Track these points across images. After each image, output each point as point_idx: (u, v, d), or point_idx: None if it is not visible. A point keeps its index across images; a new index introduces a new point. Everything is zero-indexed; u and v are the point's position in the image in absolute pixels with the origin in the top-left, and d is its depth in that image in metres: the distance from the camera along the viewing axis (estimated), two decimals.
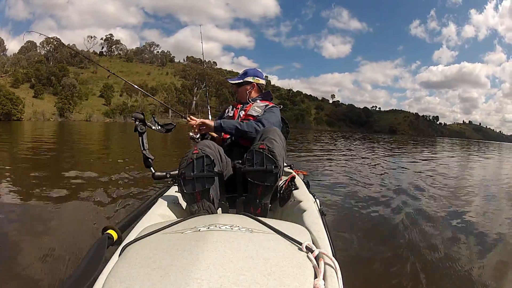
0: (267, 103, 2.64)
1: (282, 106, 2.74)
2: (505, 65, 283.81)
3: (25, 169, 6.75)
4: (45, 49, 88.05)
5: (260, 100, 2.70)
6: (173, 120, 2.44)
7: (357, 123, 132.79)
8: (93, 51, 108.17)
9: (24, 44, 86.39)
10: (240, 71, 3.14)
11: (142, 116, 2.22)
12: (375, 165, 11.07)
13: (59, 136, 19.73)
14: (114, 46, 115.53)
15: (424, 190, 6.67)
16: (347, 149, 18.46)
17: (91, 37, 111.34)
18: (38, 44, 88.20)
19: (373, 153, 16.65)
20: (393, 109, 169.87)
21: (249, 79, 2.71)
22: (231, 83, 2.79)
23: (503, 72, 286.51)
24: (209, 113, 3.41)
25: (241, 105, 2.70)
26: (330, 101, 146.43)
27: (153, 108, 76.50)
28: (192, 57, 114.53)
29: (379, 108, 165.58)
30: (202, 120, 2.39)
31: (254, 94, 2.73)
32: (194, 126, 2.41)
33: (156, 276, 0.80)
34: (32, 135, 18.39)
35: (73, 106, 66.50)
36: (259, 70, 2.82)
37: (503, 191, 7.56)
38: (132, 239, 1.11)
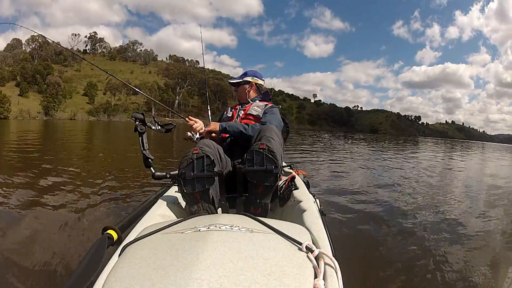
0: (266, 103, 2.65)
1: (280, 106, 2.77)
2: (489, 66, 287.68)
3: (18, 169, 6.56)
4: (30, 46, 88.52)
5: (259, 100, 2.72)
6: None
7: (338, 123, 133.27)
8: (77, 49, 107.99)
9: (10, 42, 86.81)
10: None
11: (142, 116, 2.21)
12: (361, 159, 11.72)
13: (50, 135, 19.68)
14: (97, 44, 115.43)
15: (419, 186, 6.87)
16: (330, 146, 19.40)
17: (75, 35, 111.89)
18: (23, 42, 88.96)
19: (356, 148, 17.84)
20: (375, 109, 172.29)
21: (248, 79, 2.73)
22: (231, 83, 2.82)
23: (487, 73, 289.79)
24: (209, 114, 3.39)
25: (240, 106, 2.70)
26: (312, 101, 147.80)
27: (136, 107, 77.51)
28: (175, 55, 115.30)
29: (361, 107, 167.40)
30: (208, 128, 2.38)
31: (253, 94, 2.74)
32: (198, 130, 2.43)
33: (156, 276, 0.80)
34: (24, 134, 18.14)
35: (57, 104, 66.56)
36: (258, 72, 2.83)
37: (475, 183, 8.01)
38: (132, 239, 1.12)
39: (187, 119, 2.48)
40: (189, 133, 2.44)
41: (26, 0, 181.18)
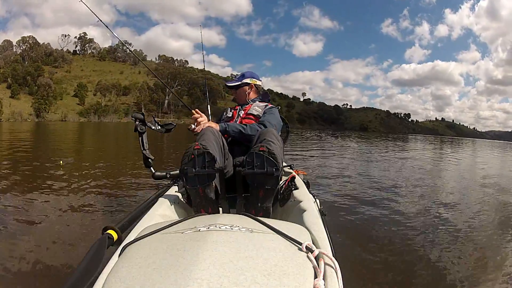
0: (266, 104, 2.66)
1: (280, 107, 2.78)
2: (479, 63, 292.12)
3: (14, 169, 6.69)
4: (21, 48, 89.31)
5: (259, 101, 2.73)
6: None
7: (328, 121, 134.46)
8: (67, 49, 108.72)
9: (1, 43, 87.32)
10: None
11: (142, 116, 2.22)
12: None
13: (44, 137, 19.67)
14: (87, 45, 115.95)
15: (416, 183, 6.86)
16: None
17: (65, 36, 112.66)
18: (14, 43, 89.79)
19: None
20: (364, 107, 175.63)
21: (247, 80, 2.72)
22: (229, 85, 2.78)
23: (477, 70, 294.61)
24: (209, 114, 3.33)
25: (239, 106, 2.70)
26: (301, 99, 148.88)
27: (126, 107, 78.50)
28: (164, 55, 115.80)
29: (350, 106, 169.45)
30: (208, 124, 2.31)
31: (252, 95, 2.74)
32: (199, 121, 2.38)
33: (156, 276, 0.80)
34: (19, 136, 18.16)
35: (48, 106, 66.92)
36: (255, 72, 2.82)
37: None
38: (132, 239, 1.11)
39: (193, 111, 2.47)
40: (193, 125, 2.42)
41: (17, 0, 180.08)
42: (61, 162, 6.91)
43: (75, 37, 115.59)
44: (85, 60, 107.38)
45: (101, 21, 3.11)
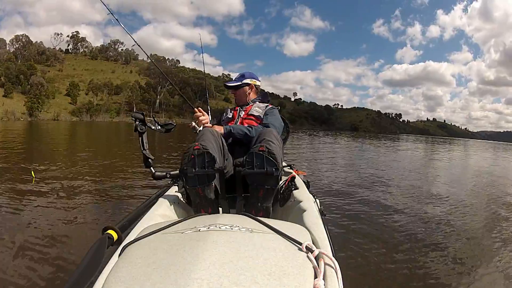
0: (267, 104, 2.67)
1: (279, 107, 2.78)
2: (471, 64, 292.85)
3: (8, 170, 6.64)
4: (14, 46, 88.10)
5: (258, 101, 2.74)
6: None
7: (318, 121, 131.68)
8: (59, 48, 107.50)
9: None
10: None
11: (142, 116, 2.22)
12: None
13: (40, 137, 19.48)
14: (79, 44, 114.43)
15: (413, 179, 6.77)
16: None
17: (58, 34, 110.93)
18: (7, 42, 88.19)
19: None
20: (355, 107, 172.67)
21: (247, 81, 2.72)
22: (229, 85, 2.77)
23: (469, 71, 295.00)
24: (209, 114, 3.19)
25: (239, 107, 2.70)
26: (292, 99, 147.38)
27: (118, 107, 78.56)
28: (156, 54, 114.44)
29: (341, 105, 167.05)
30: (212, 126, 2.35)
31: (253, 96, 2.75)
32: (204, 123, 2.44)
33: (156, 276, 0.80)
34: (15, 136, 17.82)
35: (41, 105, 65.49)
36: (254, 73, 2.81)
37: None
38: (132, 239, 1.12)
39: (196, 109, 2.49)
40: (194, 123, 2.43)
41: None
42: (32, 173, 5.95)
43: (68, 36, 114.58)
44: (77, 59, 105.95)
45: (120, 23, 3.25)
